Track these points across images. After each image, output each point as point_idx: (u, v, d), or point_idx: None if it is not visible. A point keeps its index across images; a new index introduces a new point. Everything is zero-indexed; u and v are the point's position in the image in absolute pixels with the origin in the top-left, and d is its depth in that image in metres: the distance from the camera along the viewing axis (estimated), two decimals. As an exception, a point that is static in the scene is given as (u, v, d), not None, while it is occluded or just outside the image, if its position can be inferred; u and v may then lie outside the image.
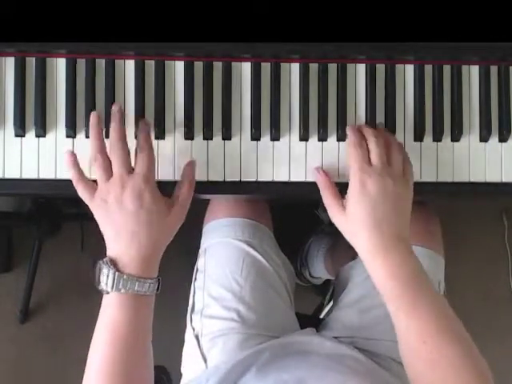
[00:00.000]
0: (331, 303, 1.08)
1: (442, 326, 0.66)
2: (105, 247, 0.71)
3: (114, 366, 0.66)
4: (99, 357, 0.67)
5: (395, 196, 0.70)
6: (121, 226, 0.68)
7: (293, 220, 1.46)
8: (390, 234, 0.69)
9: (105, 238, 0.70)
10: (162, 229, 0.70)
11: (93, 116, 0.71)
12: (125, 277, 0.66)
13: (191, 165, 0.74)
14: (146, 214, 0.68)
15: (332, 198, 0.73)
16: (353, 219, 0.70)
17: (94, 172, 0.70)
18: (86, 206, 0.71)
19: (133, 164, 0.70)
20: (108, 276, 0.66)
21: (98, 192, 0.69)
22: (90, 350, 0.68)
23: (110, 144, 0.70)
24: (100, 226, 0.70)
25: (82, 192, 0.70)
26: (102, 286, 0.67)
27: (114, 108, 0.72)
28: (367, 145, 0.72)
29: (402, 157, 0.73)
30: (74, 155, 0.72)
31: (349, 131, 0.75)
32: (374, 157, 0.71)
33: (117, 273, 0.66)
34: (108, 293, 0.67)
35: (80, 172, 0.71)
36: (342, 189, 0.74)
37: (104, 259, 0.68)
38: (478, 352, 0.66)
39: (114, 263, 0.67)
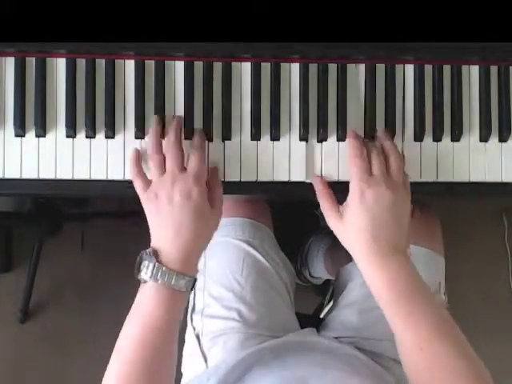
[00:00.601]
0: (331, 303, 1.08)
1: (439, 333, 0.66)
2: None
3: (142, 354, 0.67)
4: (128, 345, 0.68)
5: (394, 206, 0.70)
6: (168, 219, 0.69)
7: (293, 220, 1.46)
8: (388, 245, 0.69)
9: (151, 230, 0.71)
10: (205, 226, 0.72)
11: (155, 118, 0.75)
12: (164, 269, 0.68)
13: (214, 172, 0.76)
14: (192, 210, 0.69)
15: (329, 206, 0.74)
16: (350, 228, 0.71)
17: (149, 170, 0.74)
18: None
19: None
20: (148, 266, 0.68)
21: (151, 187, 0.72)
22: (119, 339, 0.69)
23: (167, 143, 0.73)
24: (148, 219, 0.72)
25: (138, 185, 0.73)
26: (142, 275, 0.68)
27: (176, 116, 0.76)
28: (369, 154, 0.73)
29: (402, 166, 0.74)
30: (139, 153, 0.75)
31: (349, 140, 0.75)
32: (375, 169, 0.72)
33: (157, 264, 0.68)
34: (145, 282, 0.68)
35: (140, 168, 0.74)
36: (342, 189, 0.74)
37: (147, 250, 0.69)
38: (476, 355, 0.66)
39: (156, 254, 0.69)
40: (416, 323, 0.66)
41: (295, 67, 0.78)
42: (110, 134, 0.76)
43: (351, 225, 0.71)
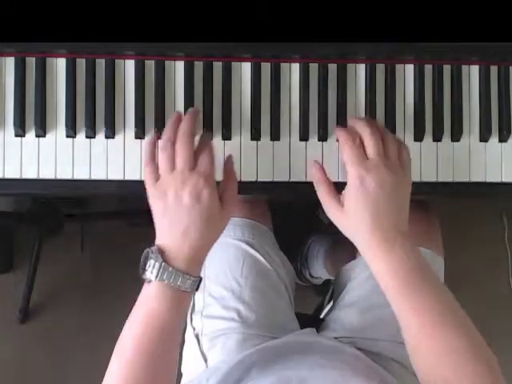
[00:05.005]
0: (331, 303, 1.08)
1: (446, 319, 0.65)
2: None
3: (144, 356, 0.66)
4: (130, 346, 0.67)
5: (395, 189, 0.69)
6: (175, 219, 0.68)
7: (293, 220, 1.46)
8: (391, 229, 0.68)
9: (156, 227, 0.70)
10: (213, 228, 0.70)
11: (175, 112, 0.74)
12: (170, 269, 0.66)
13: (230, 160, 0.75)
14: (201, 212, 0.68)
15: (328, 195, 0.72)
16: (352, 216, 0.69)
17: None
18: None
19: None
20: (154, 266, 0.66)
21: (160, 182, 0.70)
22: (120, 339, 0.68)
23: (178, 136, 0.71)
24: (154, 216, 0.70)
25: (147, 175, 0.71)
26: (147, 274, 0.67)
27: (191, 108, 0.74)
28: (361, 139, 0.71)
29: (397, 147, 0.72)
30: (154, 138, 0.73)
31: (337, 130, 0.74)
32: (371, 150, 0.70)
33: (163, 263, 0.66)
34: (150, 281, 0.67)
35: (152, 157, 0.72)
36: (341, 188, 0.74)
37: (152, 248, 0.68)
38: (484, 341, 0.65)
39: (162, 253, 0.68)
40: (421, 308, 0.66)
41: (295, 67, 0.78)
42: (110, 134, 0.76)
43: (352, 213, 0.69)
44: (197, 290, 0.69)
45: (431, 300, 0.66)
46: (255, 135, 0.77)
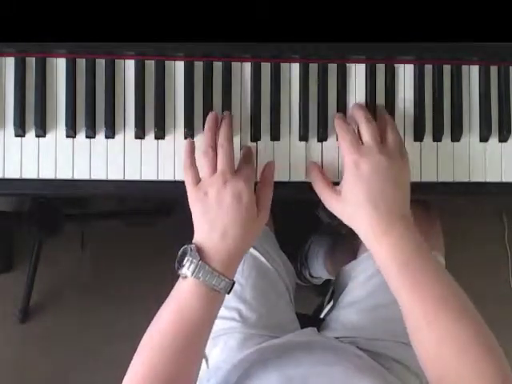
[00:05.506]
0: (331, 303, 1.08)
1: (446, 305, 0.65)
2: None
3: (174, 343, 0.67)
4: (161, 333, 0.68)
5: (390, 172, 0.70)
6: (215, 220, 0.69)
7: (293, 220, 1.46)
8: (390, 212, 0.68)
9: (195, 226, 0.71)
10: (250, 231, 0.71)
11: (211, 114, 0.75)
12: (207, 268, 0.67)
13: (270, 167, 0.76)
14: (240, 214, 0.69)
15: (324, 187, 0.73)
16: (350, 202, 0.70)
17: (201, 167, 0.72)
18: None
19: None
20: (192, 262, 0.67)
21: (201, 184, 0.71)
22: (150, 327, 0.69)
23: (219, 141, 0.72)
24: (193, 215, 0.71)
25: (188, 178, 0.72)
26: (184, 270, 0.68)
27: (226, 113, 0.76)
28: (358, 127, 0.73)
29: (399, 136, 0.74)
30: (193, 143, 0.74)
31: (335, 119, 0.76)
32: (366, 136, 0.71)
33: (201, 262, 0.67)
34: (186, 277, 0.68)
35: (193, 160, 0.73)
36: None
37: (191, 246, 0.69)
38: (487, 327, 0.65)
39: (200, 252, 0.69)
40: (422, 294, 0.65)
41: (295, 67, 0.78)
42: (110, 134, 0.76)
43: (350, 200, 0.70)
44: (228, 292, 0.70)
45: (431, 285, 0.66)
46: (255, 135, 0.77)
